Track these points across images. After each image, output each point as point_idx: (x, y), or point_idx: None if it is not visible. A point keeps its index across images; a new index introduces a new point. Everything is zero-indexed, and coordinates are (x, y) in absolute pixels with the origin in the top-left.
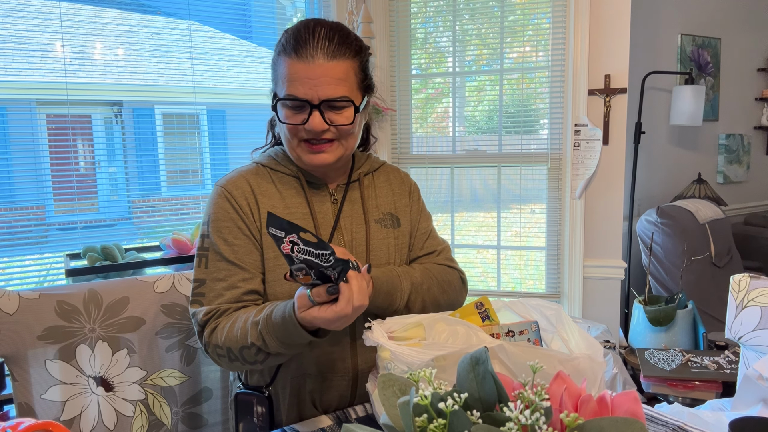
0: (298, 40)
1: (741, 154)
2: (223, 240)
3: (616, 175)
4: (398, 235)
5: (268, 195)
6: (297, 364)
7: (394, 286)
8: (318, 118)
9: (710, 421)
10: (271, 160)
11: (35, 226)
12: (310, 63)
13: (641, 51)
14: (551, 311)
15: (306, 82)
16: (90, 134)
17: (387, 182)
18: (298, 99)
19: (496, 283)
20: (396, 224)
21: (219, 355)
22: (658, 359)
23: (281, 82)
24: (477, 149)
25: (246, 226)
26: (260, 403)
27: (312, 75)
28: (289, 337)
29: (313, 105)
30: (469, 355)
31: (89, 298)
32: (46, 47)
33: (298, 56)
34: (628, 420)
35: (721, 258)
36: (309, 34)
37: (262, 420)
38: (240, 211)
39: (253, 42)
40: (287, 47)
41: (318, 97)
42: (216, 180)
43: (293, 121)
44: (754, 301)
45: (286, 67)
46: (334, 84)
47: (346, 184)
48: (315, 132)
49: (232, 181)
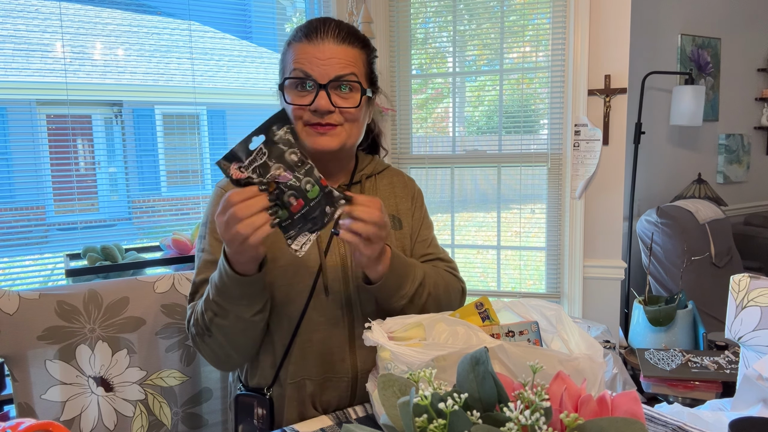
0: (308, 27)
1: (741, 154)
2: (219, 242)
3: (616, 175)
4: (400, 236)
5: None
6: (297, 367)
7: (408, 270)
8: (324, 98)
9: (710, 421)
10: None
11: (35, 226)
12: (320, 45)
13: (641, 51)
14: (551, 311)
15: (315, 62)
16: (90, 134)
17: (390, 185)
18: (306, 76)
19: (496, 283)
20: (398, 226)
21: (193, 335)
22: (658, 359)
23: (289, 66)
24: (477, 149)
25: None
26: (261, 405)
27: (321, 56)
28: (222, 283)
29: (321, 85)
30: (469, 355)
31: (89, 298)
32: (46, 47)
33: (308, 40)
34: (628, 420)
35: (721, 258)
36: (320, 22)
37: (262, 422)
38: None
39: (253, 42)
40: (297, 35)
41: (327, 75)
42: (216, 180)
43: (298, 101)
44: (754, 301)
45: (294, 51)
46: (343, 64)
47: (348, 184)
48: (320, 112)
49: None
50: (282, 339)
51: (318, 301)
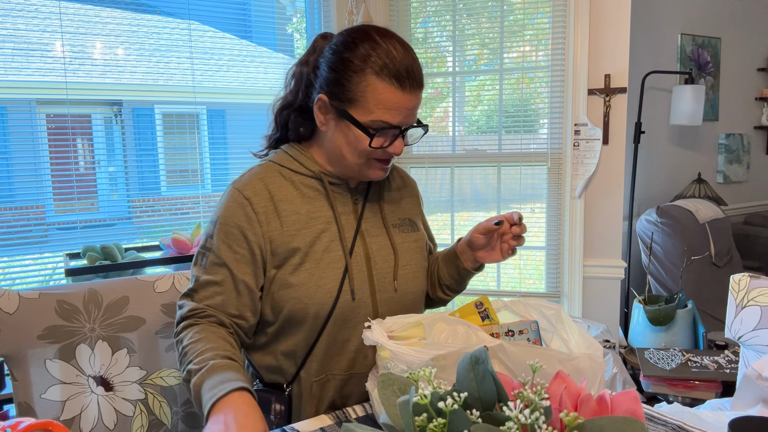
0: (397, 67)
1: (741, 153)
2: (228, 246)
3: (616, 175)
4: (417, 238)
5: (289, 200)
6: (320, 365)
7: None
8: (401, 143)
9: (710, 421)
10: (290, 160)
11: (35, 226)
12: (411, 95)
13: (641, 51)
14: (551, 311)
15: (404, 113)
16: (90, 134)
17: (397, 188)
18: (393, 126)
19: (495, 282)
20: (414, 228)
21: (176, 349)
22: (658, 359)
23: (370, 103)
24: (477, 149)
25: (254, 238)
26: (279, 401)
27: (410, 106)
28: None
29: (401, 131)
30: (469, 354)
31: (89, 297)
32: (46, 47)
33: (402, 88)
34: (628, 419)
35: (721, 258)
36: (408, 66)
37: (279, 418)
38: (254, 220)
39: (253, 42)
40: (385, 72)
41: (407, 124)
42: (216, 180)
43: (376, 144)
44: (754, 301)
45: (383, 93)
46: (416, 112)
47: (367, 184)
48: (396, 155)
49: (250, 185)
50: (307, 338)
51: (344, 300)
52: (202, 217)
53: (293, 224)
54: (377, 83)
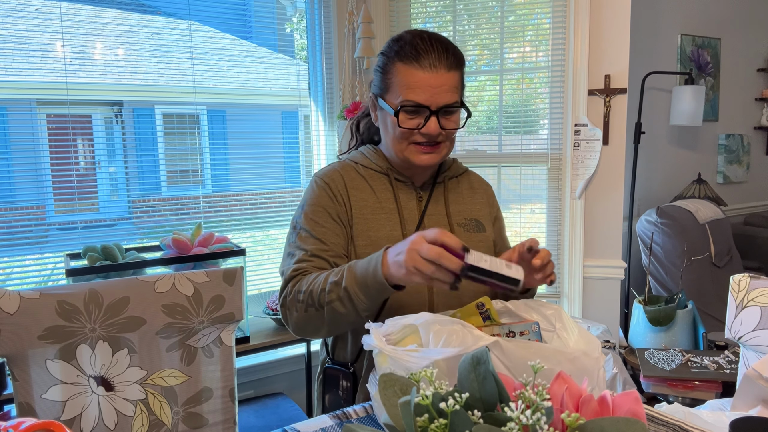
0: (418, 50)
1: (741, 154)
2: (314, 222)
3: (616, 175)
4: (482, 239)
5: (360, 189)
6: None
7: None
8: (435, 123)
9: (710, 421)
10: (363, 157)
11: (35, 226)
12: (434, 73)
13: (641, 51)
14: (551, 311)
15: (428, 90)
16: (90, 134)
17: (470, 189)
18: (419, 106)
19: None
20: (481, 229)
21: (297, 300)
22: (658, 359)
23: (397, 87)
24: (477, 149)
25: (336, 214)
26: (345, 378)
27: (434, 84)
28: (364, 279)
29: (432, 111)
30: (470, 354)
31: (90, 297)
32: (46, 47)
33: (421, 66)
34: (630, 420)
35: (721, 258)
36: (429, 45)
37: (346, 394)
38: (334, 200)
39: (253, 42)
40: (405, 55)
41: (437, 104)
42: (216, 180)
43: (409, 125)
44: (754, 301)
45: (405, 75)
46: (451, 92)
47: (432, 184)
48: (431, 135)
49: (328, 174)
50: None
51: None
52: (203, 218)
53: (360, 209)
54: (400, 66)
